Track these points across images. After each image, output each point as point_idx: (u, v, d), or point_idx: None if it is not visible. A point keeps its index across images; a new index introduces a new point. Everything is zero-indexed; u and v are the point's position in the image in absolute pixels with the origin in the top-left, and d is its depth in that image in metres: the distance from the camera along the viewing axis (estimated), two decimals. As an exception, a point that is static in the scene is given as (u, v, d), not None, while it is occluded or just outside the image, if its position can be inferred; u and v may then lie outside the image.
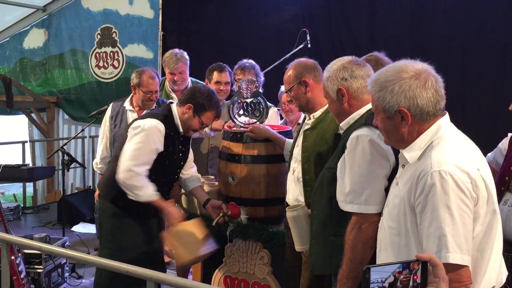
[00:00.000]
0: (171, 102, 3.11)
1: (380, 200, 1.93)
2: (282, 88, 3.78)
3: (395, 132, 1.67)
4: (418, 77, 1.60)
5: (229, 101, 4.04)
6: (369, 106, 2.13)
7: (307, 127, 2.61)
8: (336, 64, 2.20)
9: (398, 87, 1.61)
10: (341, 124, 2.21)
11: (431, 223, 1.50)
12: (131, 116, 3.78)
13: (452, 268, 1.47)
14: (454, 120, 1.73)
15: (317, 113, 2.59)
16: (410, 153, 1.65)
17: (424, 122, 1.63)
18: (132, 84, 3.77)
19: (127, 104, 3.84)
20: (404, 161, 1.71)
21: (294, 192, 2.65)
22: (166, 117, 2.98)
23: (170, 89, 4.22)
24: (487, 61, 4.43)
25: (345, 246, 1.98)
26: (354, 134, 2.00)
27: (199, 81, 4.29)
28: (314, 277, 2.44)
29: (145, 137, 2.85)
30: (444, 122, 1.65)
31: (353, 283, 1.95)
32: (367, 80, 2.11)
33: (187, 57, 4.19)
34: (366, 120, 2.03)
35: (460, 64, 4.52)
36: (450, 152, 1.56)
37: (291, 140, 2.88)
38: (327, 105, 2.54)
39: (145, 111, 3.66)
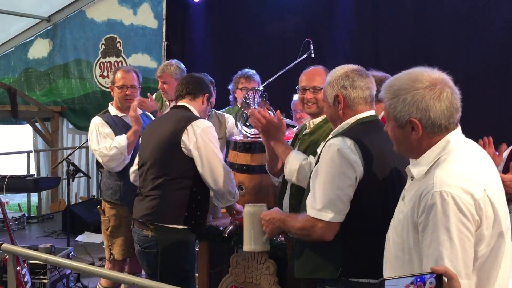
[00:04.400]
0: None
1: (340, 209, 2.00)
2: (295, 97, 3.78)
3: (404, 142, 1.64)
4: (433, 88, 1.55)
5: (221, 110, 4.05)
6: (359, 116, 2.18)
7: (305, 132, 2.68)
8: (339, 70, 2.22)
9: (411, 97, 1.56)
10: (331, 132, 2.26)
11: (430, 244, 1.47)
12: (127, 120, 3.54)
13: None
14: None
15: (317, 120, 2.64)
16: (417, 168, 1.62)
17: (434, 135, 1.58)
18: (110, 85, 3.60)
19: (116, 112, 3.56)
20: (411, 175, 1.68)
21: (286, 195, 2.68)
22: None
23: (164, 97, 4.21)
24: (490, 70, 4.44)
25: (295, 221, 2.14)
26: (328, 143, 2.08)
27: None
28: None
29: None
30: (454, 137, 1.59)
31: (278, 229, 2.29)
32: (366, 92, 2.18)
33: (177, 71, 4.01)
34: (344, 131, 2.12)
35: (463, 74, 4.54)
36: (454, 172, 1.50)
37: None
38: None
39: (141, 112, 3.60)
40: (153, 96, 4.10)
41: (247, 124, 3.17)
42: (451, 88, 1.58)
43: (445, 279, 1.15)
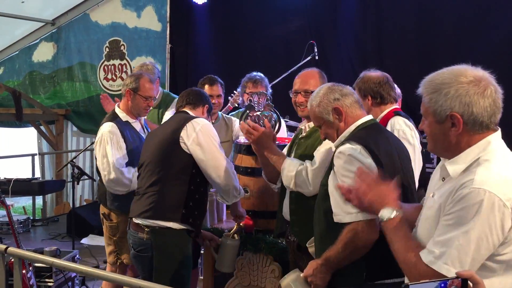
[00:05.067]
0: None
1: None
2: None
3: (442, 139, 1.56)
4: (478, 84, 1.50)
5: (230, 114, 4.06)
6: (359, 122, 2.20)
7: (301, 135, 2.69)
8: (321, 90, 2.26)
9: (455, 90, 1.50)
10: (334, 144, 2.26)
11: (447, 232, 1.45)
12: (137, 128, 3.46)
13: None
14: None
15: (312, 123, 2.63)
16: (453, 166, 1.55)
17: (475, 133, 1.52)
18: (127, 89, 3.36)
19: (127, 118, 3.42)
20: (445, 174, 1.61)
21: (285, 200, 2.68)
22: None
23: None
24: (495, 72, 4.42)
25: (335, 247, 2.04)
26: (337, 151, 2.09)
27: (171, 93, 4.28)
28: None
29: None
30: (495, 139, 1.53)
31: (327, 273, 2.11)
32: (355, 95, 2.23)
33: (154, 71, 4.09)
34: (349, 137, 2.13)
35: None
36: (497, 173, 1.45)
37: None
38: None
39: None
40: None
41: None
42: (495, 86, 1.53)
43: (471, 284, 1.14)
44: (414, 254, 1.53)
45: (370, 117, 2.26)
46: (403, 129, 2.95)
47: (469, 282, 1.14)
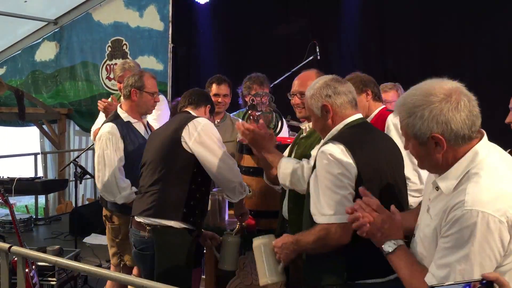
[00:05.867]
0: None
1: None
2: None
3: (429, 158, 1.58)
4: (449, 100, 1.50)
5: (232, 114, 4.07)
6: (347, 120, 2.20)
7: (302, 136, 2.72)
8: (318, 82, 2.25)
9: (428, 112, 1.50)
10: (322, 141, 2.27)
11: (447, 255, 1.45)
12: (139, 128, 3.39)
13: None
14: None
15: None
16: (445, 183, 1.56)
17: (460, 147, 1.52)
18: (132, 89, 3.29)
19: (129, 118, 3.35)
20: (437, 186, 1.62)
21: (285, 199, 2.70)
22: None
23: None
24: (499, 72, 4.42)
25: (308, 236, 2.10)
26: (320, 150, 2.09)
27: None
28: None
29: None
30: (481, 147, 1.53)
31: (293, 252, 2.21)
32: (349, 96, 2.22)
33: (136, 66, 4.05)
34: (333, 136, 2.14)
35: (471, 78, 4.51)
36: (487, 188, 1.44)
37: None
38: None
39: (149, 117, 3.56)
40: (109, 99, 4.04)
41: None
42: (467, 96, 1.53)
43: (497, 286, 1.14)
44: (418, 281, 1.55)
45: (359, 115, 2.25)
46: None
47: (494, 284, 1.14)
